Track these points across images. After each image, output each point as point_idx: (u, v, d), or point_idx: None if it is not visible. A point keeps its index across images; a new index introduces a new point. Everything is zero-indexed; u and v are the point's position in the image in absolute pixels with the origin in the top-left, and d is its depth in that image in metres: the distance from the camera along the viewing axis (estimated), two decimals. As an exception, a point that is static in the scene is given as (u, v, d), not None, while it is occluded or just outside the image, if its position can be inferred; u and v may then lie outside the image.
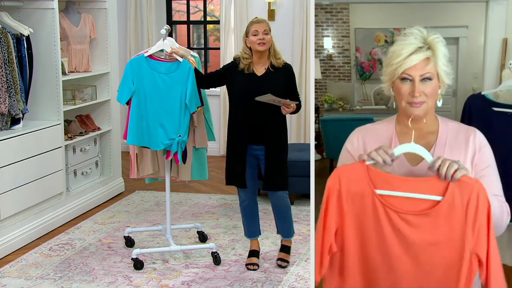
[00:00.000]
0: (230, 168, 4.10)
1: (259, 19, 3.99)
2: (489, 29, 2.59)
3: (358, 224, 2.01)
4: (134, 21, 7.53)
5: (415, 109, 2.06)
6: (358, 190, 2.00)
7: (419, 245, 1.96)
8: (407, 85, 2.06)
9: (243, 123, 3.97)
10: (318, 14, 2.64)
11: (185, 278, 4.02)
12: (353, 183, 2.00)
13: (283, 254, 4.21)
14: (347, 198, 2.01)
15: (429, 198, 1.94)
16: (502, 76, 2.61)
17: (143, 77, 4.06)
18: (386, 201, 1.97)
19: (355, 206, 2.01)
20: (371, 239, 2.00)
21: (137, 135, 4.08)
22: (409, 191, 1.95)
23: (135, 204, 5.63)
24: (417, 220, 1.95)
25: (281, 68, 3.97)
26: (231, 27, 7.22)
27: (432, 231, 1.95)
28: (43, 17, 4.92)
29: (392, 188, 1.97)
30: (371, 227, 2.00)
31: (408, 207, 1.96)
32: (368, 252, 2.02)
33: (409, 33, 2.08)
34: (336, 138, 2.34)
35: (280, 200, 4.10)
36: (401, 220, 1.96)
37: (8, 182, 4.44)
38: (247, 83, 3.95)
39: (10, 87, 4.48)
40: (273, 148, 3.99)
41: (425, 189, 1.95)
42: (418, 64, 2.04)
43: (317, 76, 2.71)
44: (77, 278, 4.03)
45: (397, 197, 1.97)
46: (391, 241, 1.98)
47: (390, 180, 1.99)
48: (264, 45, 3.91)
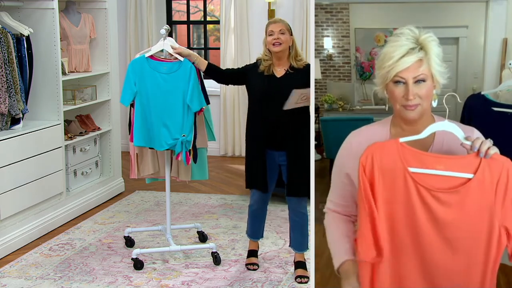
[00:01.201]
0: (251, 171, 3.99)
1: (276, 19, 3.89)
2: (489, 29, 2.59)
3: (388, 204, 2.01)
4: (134, 21, 7.53)
5: (410, 112, 2.04)
6: (390, 167, 2.00)
7: (449, 222, 1.97)
8: (401, 87, 2.03)
9: (261, 126, 3.87)
10: (318, 14, 2.64)
11: (185, 278, 4.02)
12: (386, 160, 2.00)
13: (301, 271, 3.99)
14: (379, 175, 2.00)
15: (460, 176, 1.97)
16: (502, 76, 2.61)
17: (145, 78, 4.06)
18: (418, 178, 1.98)
19: (386, 183, 2.00)
20: (400, 215, 2.00)
21: (143, 136, 4.08)
22: (441, 168, 1.97)
23: (135, 204, 5.63)
24: (447, 197, 1.97)
25: (301, 69, 3.83)
26: (231, 27, 7.22)
27: (462, 208, 1.97)
28: (43, 17, 4.92)
29: (424, 166, 1.98)
30: (401, 204, 2.00)
31: (439, 185, 1.97)
32: (397, 228, 2.01)
33: (401, 34, 2.04)
34: (336, 138, 2.34)
35: (299, 209, 3.95)
36: (432, 198, 1.97)
37: (8, 182, 4.44)
38: (265, 85, 3.85)
39: (10, 87, 4.48)
40: (295, 153, 3.85)
41: (457, 166, 1.97)
42: (411, 66, 2.00)
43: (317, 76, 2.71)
44: (77, 278, 4.03)
45: (429, 174, 1.98)
46: (421, 218, 1.98)
47: (422, 157, 1.99)
48: (280, 45, 3.79)
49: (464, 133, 2.07)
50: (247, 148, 4.05)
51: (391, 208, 2.01)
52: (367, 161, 2.00)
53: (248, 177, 4.04)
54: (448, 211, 1.96)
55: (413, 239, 2.00)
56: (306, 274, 3.97)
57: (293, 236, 4.07)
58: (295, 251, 4.08)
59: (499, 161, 1.96)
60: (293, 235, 4.07)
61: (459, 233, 1.98)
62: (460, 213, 1.97)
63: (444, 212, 1.96)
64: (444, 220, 1.97)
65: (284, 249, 4.46)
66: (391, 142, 2.01)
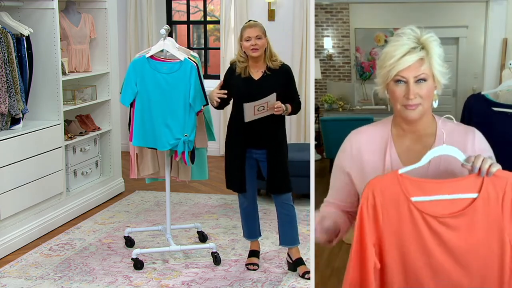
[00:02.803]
0: (229, 172, 4.09)
1: (251, 23, 3.94)
2: (489, 29, 2.59)
3: (396, 236, 1.97)
4: (134, 21, 7.53)
5: (411, 111, 2.03)
6: (393, 200, 1.96)
7: (461, 247, 1.94)
8: (402, 87, 2.02)
9: (242, 127, 3.95)
10: (318, 14, 2.64)
11: (185, 278, 4.01)
12: (387, 194, 1.97)
13: (303, 267, 4.04)
14: (383, 210, 1.97)
15: (464, 197, 1.94)
16: (502, 76, 2.61)
17: (146, 78, 4.06)
18: (422, 207, 1.94)
19: (391, 217, 1.97)
20: (411, 248, 1.96)
21: (143, 136, 4.08)
22: (443, 193, 1.94)
23: (135, 204, 5.63)
24: (455, 221, 1.94)
25: (278, 70, 3.94)
26: (231, 27, 7.22)
27: (471, 230, 1.94)
28: (43, 17, 4.92)
29: (426, 193, 1.95)
30: (410, 237, 1.96)
31: (445, 210, 1.94)
32: (411, 263, 1.97)
33: (402, 34, 2.04)
34: (336, 138, 2.33)
35: (285, 201, 4.04)
36: (440, 225, 1.94)
37: (8, 182, 4.44)
38: (244, 87, 3.94)
39: (10, 87, 4.48)
40: (274, 151, 3.98)
41: (459, 188, 1.94)
42: (412, 65, 2.00)
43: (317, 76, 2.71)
44: (77, 278, 4.03)
45: (432, 201, 1.95)
46: (432, 248, 1.95)
47: (424, 185, 1.96)
48: (258, 50, 3.87)
49: (461, 137, 2.06)
50: (226, 150, 4.11)
51: (401, 244, 1.97)
52: (369, 200, 1.97)
53: (226, 178, 4.12)
54: (458, 235, 1.94)
55: (427, 268, 1.98)
56: (308, 270, 3.99)
57: (283, 231, 4.11)
58: (288, 246, 4.12)
59: (503, 178, 1.93)
60: (283, 230, 4.11)
61: (472, 255, 1.95)
62: (470, 234, 1.94)
63: (454, 237, 1.94)
64: (455, 245, 1.94)
65: (284, 249, 4.45)
66: (391, 175, 1.99)
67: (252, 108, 3.83)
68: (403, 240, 1.97)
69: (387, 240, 1.97)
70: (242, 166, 4.01)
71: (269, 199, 5.16)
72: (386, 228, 1.97)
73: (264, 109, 3.83)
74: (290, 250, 4.13)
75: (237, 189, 4.09)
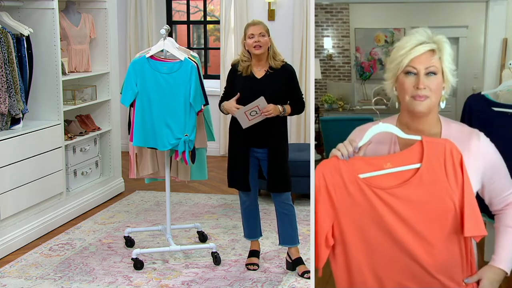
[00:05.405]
0: (233, 171, 4.08)
1: (255, 21, 3.97)
2: (489, 29, 2.59)
3: (352, 214, 2.06)
4: (134, 21, 7.53)
5: (419, 103, 2.06)
6: (342, 180, 2.06)
7: (413, 215, 2.02)
8: (412, 78, 2.07)
9: (245, 127, 3.94)
10: (318, 14, 2.64)
11: (185, 278, 4.02)
12: (336, 174, 2.07)
13: (303, 267, 4.05)
14: (335, 190, 2.06)
15: (408, 168, 2.03)
16: (502, 76, 2.61)
17: (146, 78, 4.06)
18: (371, 182, 2.04)
19: (344, 195, 2.06)
20: (368, 223, 2.06)
21: (143, 136, 4.08)
22: (389, 167, 2.04)
23: (135, 204, 5.64)
24: (403, 191, 2.02)
25: (280, 69, 3.95)
26: (231, 27, 7.21)
27: (420, 198, 2.02)
28: (43, 17, 4.92)
29: (374, 169, 2.05)
30: (365, 212, 2.05)
31: (392, 182, 2.03)
32: (370, 238, 2.05)
33: (415, 31, 2.11)
34: (336, 138, 2.34)
35: (285, 201, 4.05)
36: (389, 196, 2.03)
37: (8, 182, 4.44)
38: (247, 86, 3.94)
39: (10, 87, 4.48)
40: (276, 150, 3.98)
41: (403, 160, 2.04)
42: (423, 56, 2.05)
43: (317, 76, 2.71)
44: (77, 278, 4.03)
45: (381, 175, 2.04)
46: (387, 217, 2.04)
47: (371, 161, 2.06)
48: (261, 48, 3.88)
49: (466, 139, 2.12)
50: (230, 149, 4.11)
51: (358, 220, 2.06)
52: (321, 182, 2.08)
53: (229, 177, 4.11)
54: (409, 204, 2.03)
55: (387, 240, 2.04)
56: (308, 269, 4.01)
57: (282, 231, 4.11)
58: (288, 246, 4.12)
59: (439, 143, 2.03)
60: (282, 230, 4.11)
61: (426, 222, 2.03)
62: (420, 203, 2.02)
63: (405, 207, 2.03)
64: (408, 214, 2.03)
65: (284, 249, 4.45)
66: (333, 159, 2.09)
67: (243, 115, 3.85)
68: (359, 216, 2.06)
69: (343, 219, 2.07)
70: (246, 165, 4.01)
71: (269, 199, 5.16)
72: (341, 206, 2.07)
73: (256, 113, 3.84)
74: (290, 250, 4.13)
75: (242, 188, 4.06)
